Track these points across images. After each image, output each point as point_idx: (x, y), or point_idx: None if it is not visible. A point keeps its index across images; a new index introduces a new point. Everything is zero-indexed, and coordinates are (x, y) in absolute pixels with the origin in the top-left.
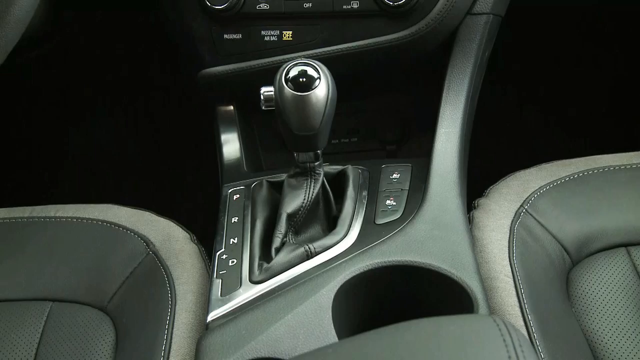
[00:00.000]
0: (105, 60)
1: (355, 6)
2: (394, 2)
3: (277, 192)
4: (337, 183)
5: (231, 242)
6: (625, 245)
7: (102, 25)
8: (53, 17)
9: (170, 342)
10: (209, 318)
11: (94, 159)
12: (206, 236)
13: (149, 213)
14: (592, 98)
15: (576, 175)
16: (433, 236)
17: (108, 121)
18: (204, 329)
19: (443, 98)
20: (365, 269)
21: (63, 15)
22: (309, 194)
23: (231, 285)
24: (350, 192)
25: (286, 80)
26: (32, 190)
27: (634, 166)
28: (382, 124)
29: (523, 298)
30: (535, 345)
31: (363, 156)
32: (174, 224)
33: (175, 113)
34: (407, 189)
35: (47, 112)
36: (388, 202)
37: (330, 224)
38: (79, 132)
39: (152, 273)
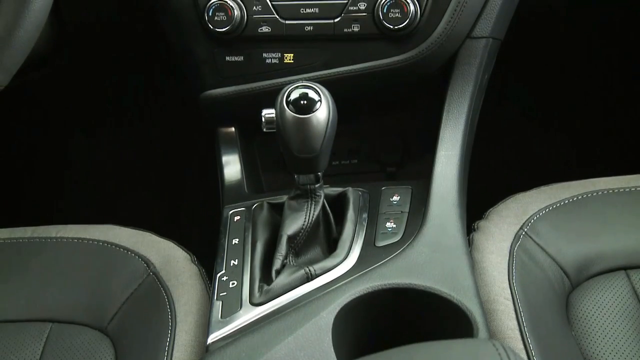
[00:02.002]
0: (107, 79)
1: (356, 29)
2: (394, 26)
3: (277, 213)
4: (338, 205)
5: (232, 264)
6: (625, 268)
7: (104, 43)
8: (57, 39)
9: None
10: (209, 340)
11: (95, 178)
12: (207, 257)
13: (150, 234)
14: (593, 118)
15: (575, 198)
16: (433, 259)
17: (110, 141)
18: (204, 351)
19: (443, 120)
20: (365, 292)
21: (67, 36)
22: (309, 216)
23: (231, 307)
24: (350, 214)
25: (287, 103)
26: (32, 207)
27: (632, 189)
28: (382, 145)
29: (523, 321)
30: None
31: (363, 178)
32: (175, 245)
33: (177, 133)
34: (407, 211)
35: (47, 128)
36: (388, 224)
37: (331, 246)
38: (80, 151)
39: (153, 294)
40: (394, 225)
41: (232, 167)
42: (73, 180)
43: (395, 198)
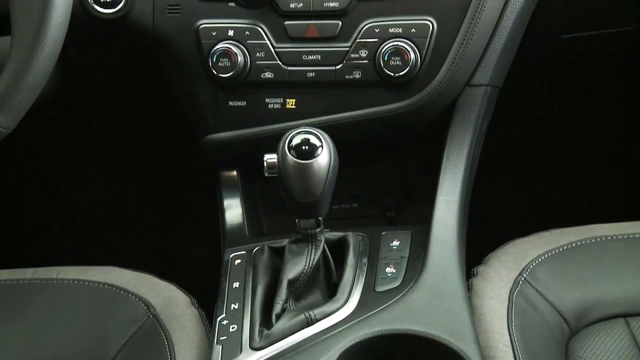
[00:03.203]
0: (109, 120)
1: (357, 76)
2: (395, 73)
3: (278, 257)
4: (338, 250)
5: (232, 308)
6: (624, 315)
7: (107, 86)
8: (62, 84)
9: None
10: None
11: (96, 219)
12: (207, 300)
13: (151, 276)
14: (594, 164)
15: (574, 244)
16: (432, 304)
17: (110, 182)
18: None
19: (442, 166)
20: (364, 337)
21: (72, 81)
22: (309, 261)
23: (231, 352)
24: (350, 258)
25: (289, 148)
26: (33, 247)
27: (631, 236)
28: (382, 190)
29: None
30: None
31: (363, 222)
32: (175, 288)
33: (178, 176)
34: (407, 256)
35: (48, 168)
36: (388, 269)
37: (331, 290)
38: (80, 191)
39: (152, 337)
40: (394, 270)
41: (233, 210)
42: (74, 221)
43: (395, 243)
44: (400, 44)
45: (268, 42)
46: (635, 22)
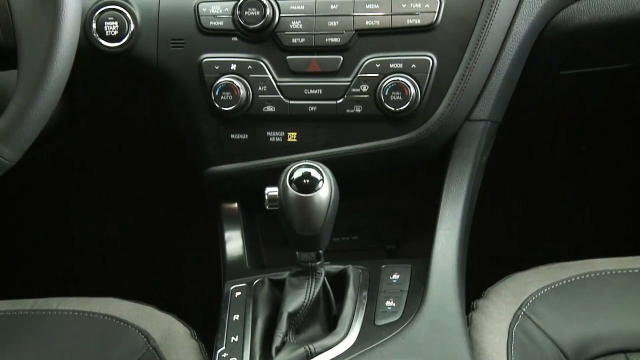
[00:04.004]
0: (110, 152)
1: (358, 111)
2: (395, 108)
3: (278, 290)
4: (338, 283)
5: (232, 340)
6: (624, 351)
7: (110, 117)
8: (65, 116)
9: None
10: None
11: (96, 250)
12: (207, 332)
13: (151, 308)
14: (591, 199)
15: (574, 279)
16: (432, 339)
17: (111, 213)
18: None
19: (442, 200)
20: None
21: (74, 113)
22: (310, 294)
23: None
24: (350, 292)
25: (290, 182)
26: (33, 277)
27: (630, 271)
28: (382, 223)
29: None
30: None
31: (363, 255)
32: (175, 319)
33: (179, 207)
34: (407, 290)
35: (49, 199)
36: (388, 303)
37: (331, 323)
38: (81, 223)
39: None
40: (394, 304)
41: (234, 242)
42: (74, 252)
43: (395, 276)
44: (400, 79)
45: (270, 77)
46: (633, 59)
